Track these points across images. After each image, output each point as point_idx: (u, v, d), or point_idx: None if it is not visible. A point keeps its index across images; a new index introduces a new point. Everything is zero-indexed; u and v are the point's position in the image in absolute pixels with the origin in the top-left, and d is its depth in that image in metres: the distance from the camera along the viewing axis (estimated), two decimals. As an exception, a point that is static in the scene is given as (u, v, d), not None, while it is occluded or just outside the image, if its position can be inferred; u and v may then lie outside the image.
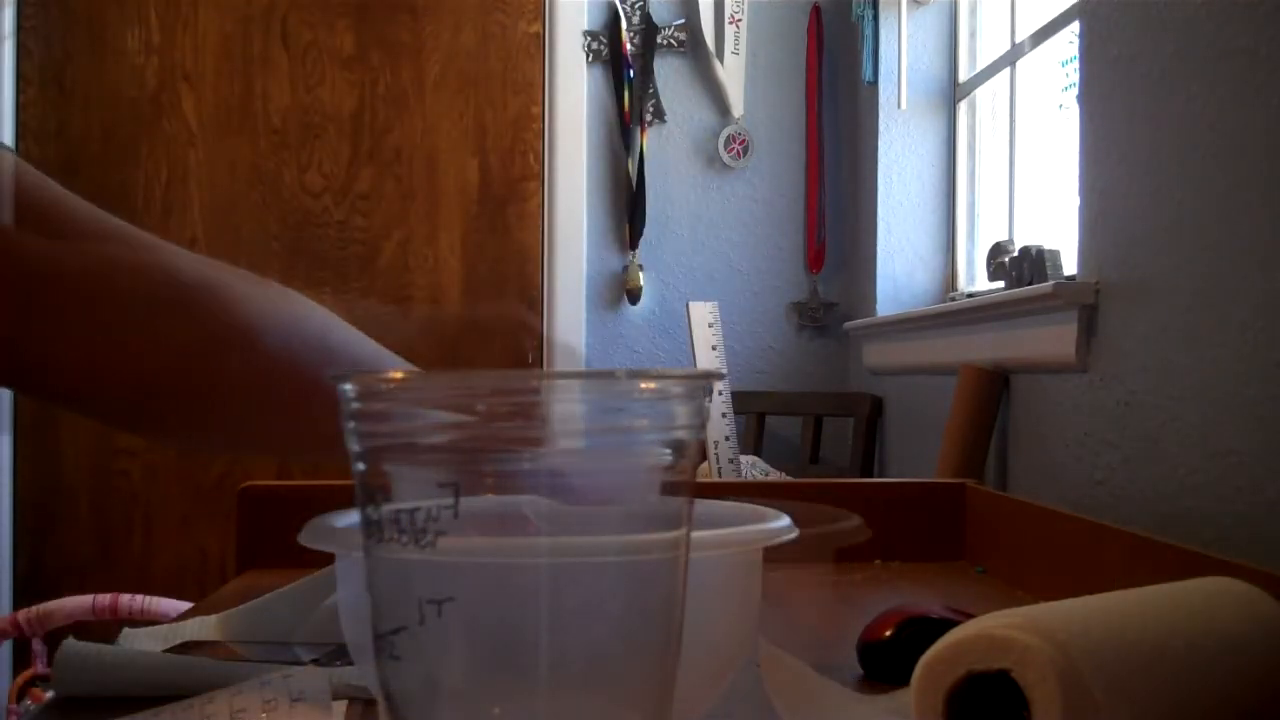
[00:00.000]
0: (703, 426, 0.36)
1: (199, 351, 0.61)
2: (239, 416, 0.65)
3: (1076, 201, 1.45)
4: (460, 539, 0.33)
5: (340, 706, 0.53)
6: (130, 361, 0.60)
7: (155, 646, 0.67)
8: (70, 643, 0.58)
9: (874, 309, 2.40)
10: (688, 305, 1.43)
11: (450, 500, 0.32)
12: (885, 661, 0.64)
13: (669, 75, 2.69)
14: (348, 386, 0.35)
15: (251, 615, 0.69)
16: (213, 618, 0.70)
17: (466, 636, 0.34)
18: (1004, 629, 0.42)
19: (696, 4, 2.66)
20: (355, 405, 0.35)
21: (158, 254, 0.61)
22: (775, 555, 0.49)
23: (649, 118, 2.66)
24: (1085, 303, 1.39)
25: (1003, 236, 2.03)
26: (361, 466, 0.35)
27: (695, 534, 0.46)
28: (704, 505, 0.55)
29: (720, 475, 1.36)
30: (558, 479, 0.34)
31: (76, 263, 0.58)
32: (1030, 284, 1.57)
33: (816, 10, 2.69)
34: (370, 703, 0.53)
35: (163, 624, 0.71)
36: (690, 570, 0.44)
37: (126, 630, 0.69)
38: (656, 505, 0.35)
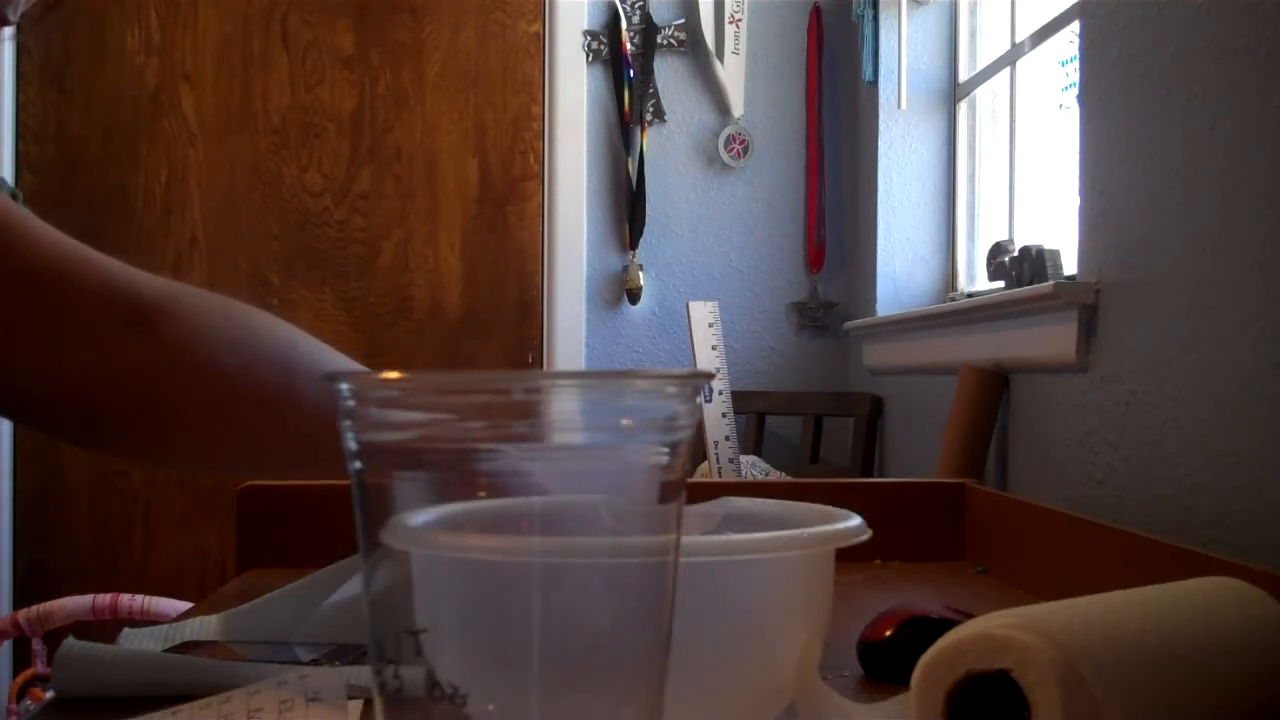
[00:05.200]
0: (697, 426, 0.36)
1: (155, 368, 0.61)
2: (199, 434, 0.64)
3: (1076, 201, 1.45)
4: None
5: (356, 706, 0.53)
6: (86, 376, 0.60)
7: (155, 646, 0.67)
8: (70, 642, 0.58)
9: (874, 309, 2.40)
10: (688, 305, 1.43)
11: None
12: (885, 661, 0.64)
13: (669, 75, 2.69)
14: (343, 386, 0.35)
15: (251, 615, 0.69)
16: (213, 618, 0.70)
17: (462, 635, 0.34)
18: (1004, 629, 0.42)
19: (696, 4, 2.66)
20: (351, 405, 0.35)
21: (118, 273, 0.61)
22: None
23: (649, 118, 2.66)
24: (1085, 303, 1.39)
25: (1003, 236, 2.03)
26: (358, 466, 0.35)
27: (773, 534, 0.47)
28: (775, 505, 0.56)
29: (720, 475, 1.36)
30: (554, 479, 0.34)
31: (35, 276, 0.58)
32: (1030, 284, 1.57)
33: (816, 10, 2.69)
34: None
35: (163, 624, 0.71)
36: (766, 570, 0.47)
37: (126, 630, 0.69)
38: (651, 505, 0.35)
